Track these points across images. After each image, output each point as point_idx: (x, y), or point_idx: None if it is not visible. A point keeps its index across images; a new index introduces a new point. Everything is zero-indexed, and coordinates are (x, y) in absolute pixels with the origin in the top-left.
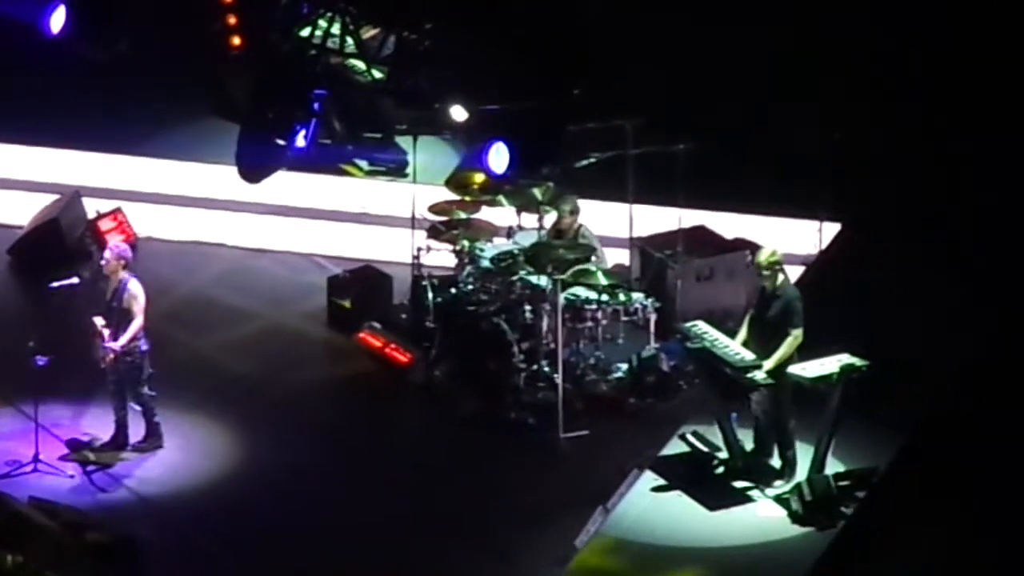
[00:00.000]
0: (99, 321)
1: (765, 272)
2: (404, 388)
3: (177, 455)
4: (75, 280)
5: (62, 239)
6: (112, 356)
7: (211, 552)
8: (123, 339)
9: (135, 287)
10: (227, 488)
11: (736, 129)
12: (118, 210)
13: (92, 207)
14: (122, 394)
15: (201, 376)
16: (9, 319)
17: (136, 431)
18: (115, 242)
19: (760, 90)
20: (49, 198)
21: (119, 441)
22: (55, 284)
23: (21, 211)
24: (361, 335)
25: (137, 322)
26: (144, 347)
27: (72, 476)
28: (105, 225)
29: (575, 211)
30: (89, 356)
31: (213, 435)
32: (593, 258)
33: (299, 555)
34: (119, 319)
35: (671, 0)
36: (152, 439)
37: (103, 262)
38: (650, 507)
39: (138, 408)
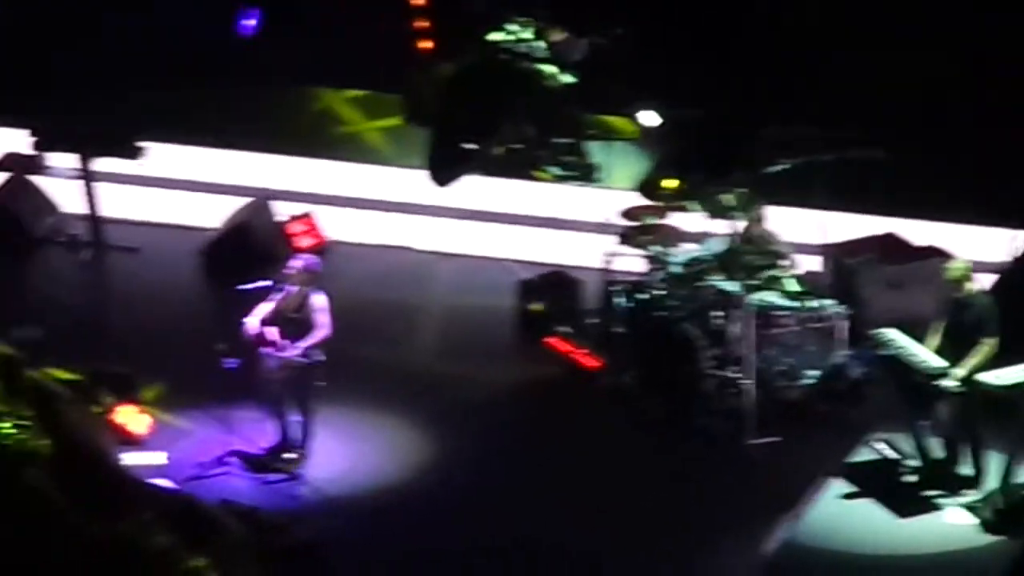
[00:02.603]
0: (272, 329)
1: (957, 285)
2: (592, 393)
3: (362, 457)
4: (264, 283)
5: (253, 242)
6: (285, 365)
7: (396, 555)
8: (301, 346)
9: (320, 300)
10: (412, 491)
11: (927, 134)
12: (308, 214)
13: (283, 211)
14: (283, 403)
15: (387, 377)
16: (200, 321)
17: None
18: (305, 254)
19: (950, 95)
20: (241, 201)
21: (285, 447)
22: (246, 287)
23: (213, 214)
24: (551, 340)
25: (321, 333)
26: (320, 358)
27: (254, 477)
28: (295, 229)
29: (759, 219)
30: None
31: (399, 437)
32: (784, 265)
33: (483, 560)
34: (299, 329)
35: (865, 5)
36: (301, 451)
37: (290, 271)
38: (839, 514)
39: (299, 419)
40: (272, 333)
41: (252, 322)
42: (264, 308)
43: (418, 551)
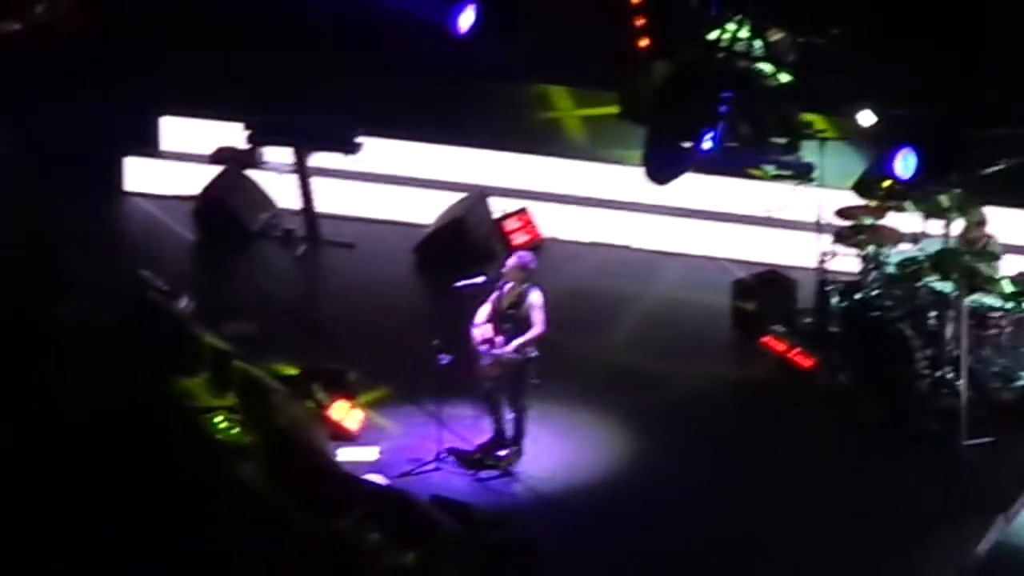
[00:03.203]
0: (486, 327)
1: None
2: (807, 393)
3: (576, 454)
4: (480, 280)
5: (467, 238)
6: (499, 362)
7: (607, 553)
8: (516, 343)
9: (536, 297)
10: (625, 488)
11: None
12: (524, 210)
13: (498, 207)
14: (498, 400)
15: (602, 374)
16: (414, 317)
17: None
18: (520, 251)
19: None
20: (456, 197)
21: (499, 444)
22: (460, 283)
23: (427, 210)
24: (765, 339)
25: (535, 330)
26: (534, 355)
27: (468, 473)
28: (511, 225)
29: (982, 223)
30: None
31: (613, 434)
32: (999, 265)
33: (689, 558)
34: (514, 325)
35: None
36: (515, 448)
37: (507, 268)
38: None
39: (511, 415)
40: (487, 330)
41: (477, 323)
42: (484, 308)
43: (630, 548)
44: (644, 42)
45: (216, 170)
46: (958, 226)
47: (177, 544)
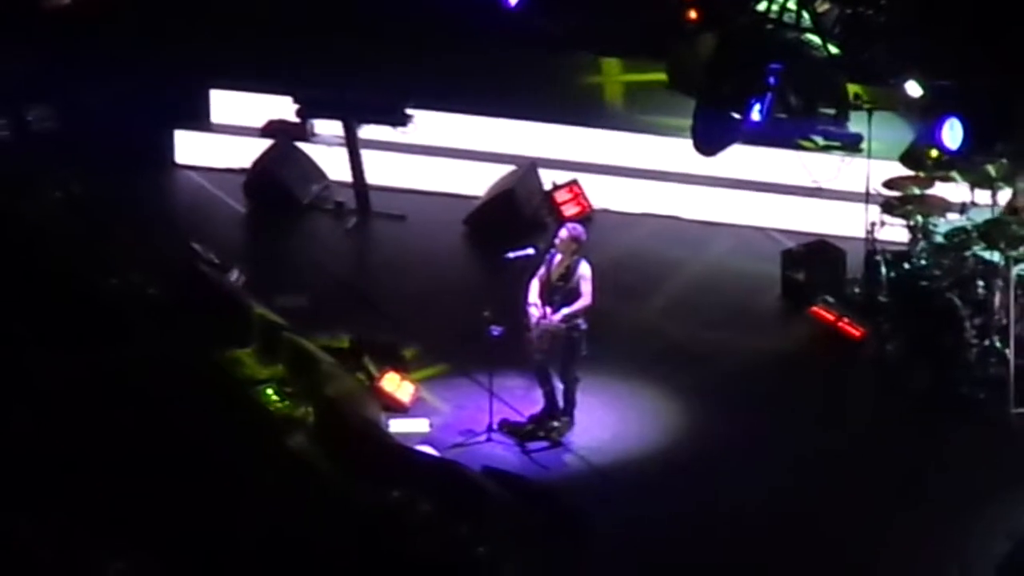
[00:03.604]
0: (534, 299)
1: None
2: (856, 362)
3: (626, 425)
4: (530, 251)
5: (518, 210)
6: (549, 334)
7: (657, 524)
8: (564, 312)
9: (586, 269)
10: (673, 458)
11: None
12: (574, 182)
13: (548, 178)
14: (547, 371)
15: (651, 345)
16: (465, 289)
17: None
18: (570, 222)
19: None
20: (506, 169)
21: (550, 415)
22: (511, 255)
23: (478, 182)
24: (814, 309)
25: (583, 302)
26: (583, 326)
27: (519, 445)
28: (561, 197)
29: None
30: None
31: (660, 404)
32: None
33: (739, 527)
34: (564, 297)
35: None
36: (566, 419)
37: (558, 240)
38: None
39: (561, 386)
40: (537, 301)
41: (531, 298)
42: (536, 281)
43: (681, 519)
44: (693, 14)
45: (267, 143)
46: (1005, 195)
47: (228, 515)
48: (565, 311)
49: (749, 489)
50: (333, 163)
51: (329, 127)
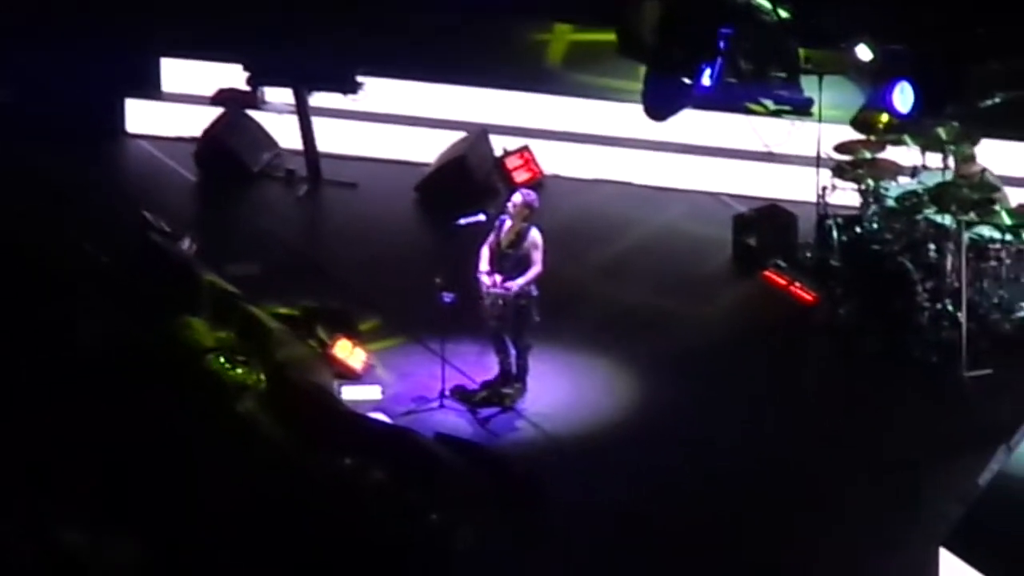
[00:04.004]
0: (485, 266)
1: None
2: (808, 326)
3: (579, 391)
4: (481, 217)
5: (469, 176)
6: (500, 300)
7: (610, 489)
8: (519, 282)
9: (536, 236)
10: (626, 423)
11: None
12: (525, 148)
13: (499, 145)
14: (502, 338)
15: (599, 311)
16: (416, 256)
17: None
18: (522, 188)
19: None
20: (457, 136)
21: (502, 381)
22: (462, 221)
23: (429, 149)
24: (766, 273)
25: (535, 270)
26: (534, 293)
27: (471, 411)
28: (512, 163)
29: (971, 158)
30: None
31: (612, 370)
32: (998, 198)
33: (691, 492)
34: (514, 264)
35: None
36: (519, 386)
37: (510, 205)
38: None
39: (514, 352)
40: (488, 268)
41: (481, 265)
42: (486, 247)
43: (633, 484)
44: None
45: (217, 111)
46: (956, 159)
47: (179, 482)
48: (519, 281)
49: (702, 454)
50: (284, 131)
51: (279, 95)
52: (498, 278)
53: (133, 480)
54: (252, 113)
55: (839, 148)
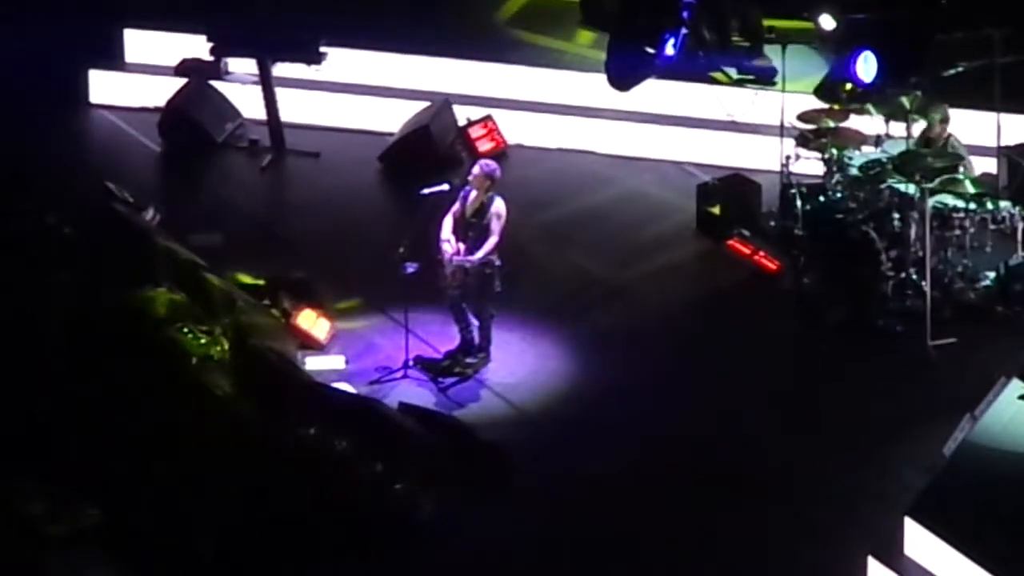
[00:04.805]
0: (447, 235)
1: None
2: (772, 295)
3: (541, 360)
4: (445, 187)
5: (432, 146)
6: (462, 270)
7: (574, 457)
8: (480, 253)
9: (500, 205)
10: (591, 394)
11: None
12: (488, 117)
13: (463, 114)
14: (462, 308)
15: (563, 280)
16: (379, 226)
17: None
18: (484, 158)
19: None
20: (420, 106)
21: (465, 351)
22: (425, 191)
23: (392, 119)
24: (730, 242)
25: (492, 240)
26: (497, 263)
27: (434, 381)
28: (475, 132)
29: (945, 120)
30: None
31: (576, 340)
32: (961, 167)
33: (654, 460)
34: (478, 233)
35: None
36: (483, 355)
37: (471, 176)
38: (1018, 415)
39: (476, 323)
40: (451, 238)
41: (444, 235)
42: (450, 217)
43: (597, 452)
44: None
45: (180, 82)
46: (919, 127)
47: (140, 452)
48: (478, 254)
49: (667, 423)
50: (247, 101)
51: (243, 65)
52: (461, 246)
53: (94, 449)
54: (216, 83)
55: (803, 117)
